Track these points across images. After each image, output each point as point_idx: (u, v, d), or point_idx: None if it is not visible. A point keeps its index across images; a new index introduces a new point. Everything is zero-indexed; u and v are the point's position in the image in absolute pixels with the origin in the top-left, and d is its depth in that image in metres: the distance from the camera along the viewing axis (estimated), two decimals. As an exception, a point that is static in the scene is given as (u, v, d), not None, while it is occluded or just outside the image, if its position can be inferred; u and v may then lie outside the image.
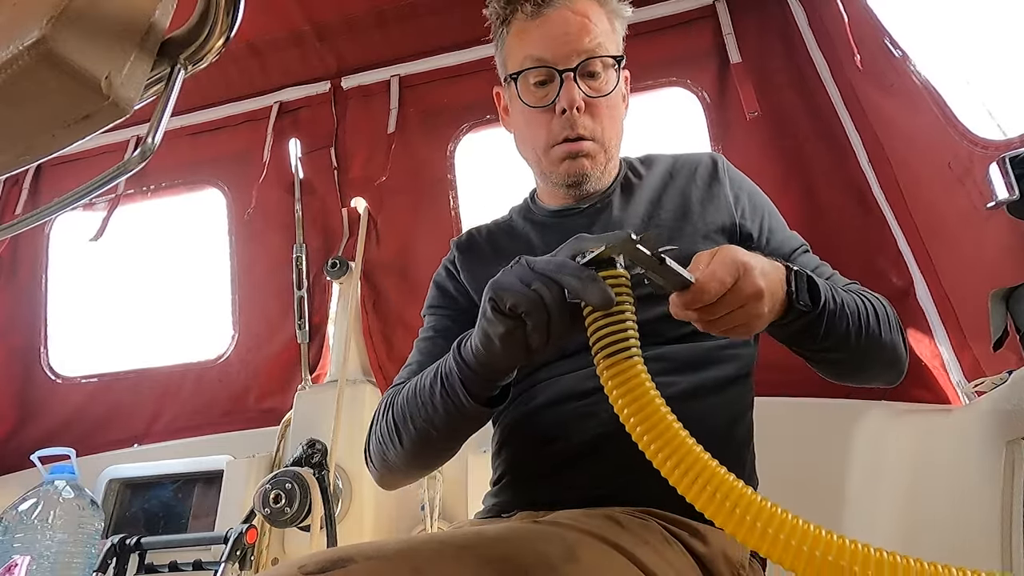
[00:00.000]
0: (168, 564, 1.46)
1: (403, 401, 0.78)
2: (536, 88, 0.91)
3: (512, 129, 1.01)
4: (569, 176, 0.91)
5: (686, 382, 0.81)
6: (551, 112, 0.89)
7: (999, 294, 0.92)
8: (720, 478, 0.46)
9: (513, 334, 0.58)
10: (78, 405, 2.03)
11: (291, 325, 1.90)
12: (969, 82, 1.19)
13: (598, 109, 0.90)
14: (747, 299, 0.61)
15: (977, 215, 1.12)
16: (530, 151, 0.96)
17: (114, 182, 0.39)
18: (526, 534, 0.64)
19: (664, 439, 0.48)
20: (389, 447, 0.80)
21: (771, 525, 0.43)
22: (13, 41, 0.31)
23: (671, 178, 0.98)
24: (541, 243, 0.96)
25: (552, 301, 0.55)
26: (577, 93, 0.87)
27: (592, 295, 0.52)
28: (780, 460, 1.02)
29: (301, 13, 1.83)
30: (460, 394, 0.68)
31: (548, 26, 0.89)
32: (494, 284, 0.59)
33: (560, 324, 0.56)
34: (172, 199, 2.20)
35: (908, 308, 1.42)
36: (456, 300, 0.98)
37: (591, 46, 0.88)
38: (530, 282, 0.56)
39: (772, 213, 0.97)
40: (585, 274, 0.54)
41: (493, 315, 0.59)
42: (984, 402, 0.86)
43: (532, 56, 0.89)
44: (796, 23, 1.67)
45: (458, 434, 0.76)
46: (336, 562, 0.50)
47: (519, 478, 0.87)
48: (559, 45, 0.88)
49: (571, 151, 0.90)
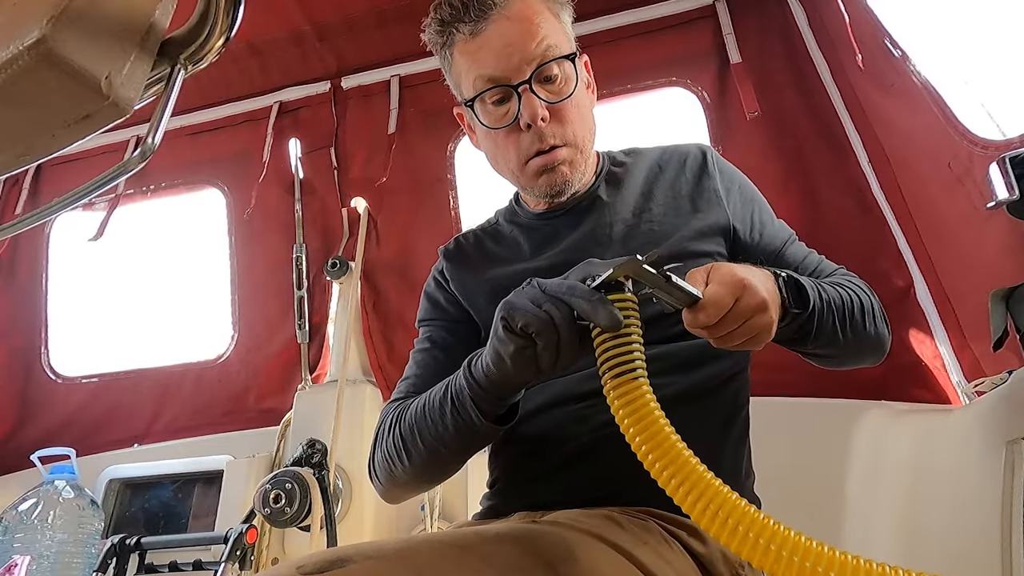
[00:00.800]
0: (168, 564, 1.46)
1: (411, 418, 0.78)
2: (495, 107, 0.86)
3: (482, 150, 0.97)
4: (551, 188, 0.88)
5: (684, 380, 0.81)
6: (517, 129, 0.85)
7: (999, 294, 0.92)
8: (731, 503, 0.46)
9: (523, 353, 0.59)
10: (78, 405, 2.03)
11: (291, 325, 1.90)
12: (968, 82, 1.19)
13: (564, 112, 0.86)
14: (753, 311, 0.63)
15: (977, 215, 1.12)
16: (505, 171, 0.93)
17: (114, 182, 0.39)
18: (526, 534, 0.64)
19: (669, 458, 0.49)
20: (396, 463, 0.80)
21: (785, 548, 0.44)
22: (13, 41, 0.31)
23: (660, 170, 0.96)
24: (529, 246, 0.95)
25: (562, 322, 0.57)
26: (538, 104, 0.83)
27: (601, 317, 0.54)
28: (780, 460, 1.02)
29: (301, 13, 1.83)
30: (471, 411, 0.68)
31: (489, 42, 0.84)
32: (506, 304, 0.60)
33: (569, 344, 0.57)
34: (172, 199, 2.20)
35: (908, 308, 1.42)
36: (447, 311, 0.97)
37: (539, 50, 0.83)
38: (541, 303, 0.58)
39: (761, 205, 0.97)
40: (595, 297, 0.55)
41: (504, 334, 0.60)
42: (984, 402, 0.86)
43: (482, 76, 0.85)
44: (796, 23, 1.67)
45: (467, 451, 0.76)
46: (335, 562, 0.50)
47: (517, 480, 0.87)
48: (505, 59, 0.83)
49: (547, 163, 0.86)
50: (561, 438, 0.82)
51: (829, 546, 0.44)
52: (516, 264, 0.94)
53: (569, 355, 0.58)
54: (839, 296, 0.79)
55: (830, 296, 0.77)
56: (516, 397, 0.70)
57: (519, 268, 0.92)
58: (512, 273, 0.91)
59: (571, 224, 0.93)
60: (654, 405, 0.52)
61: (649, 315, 0.81)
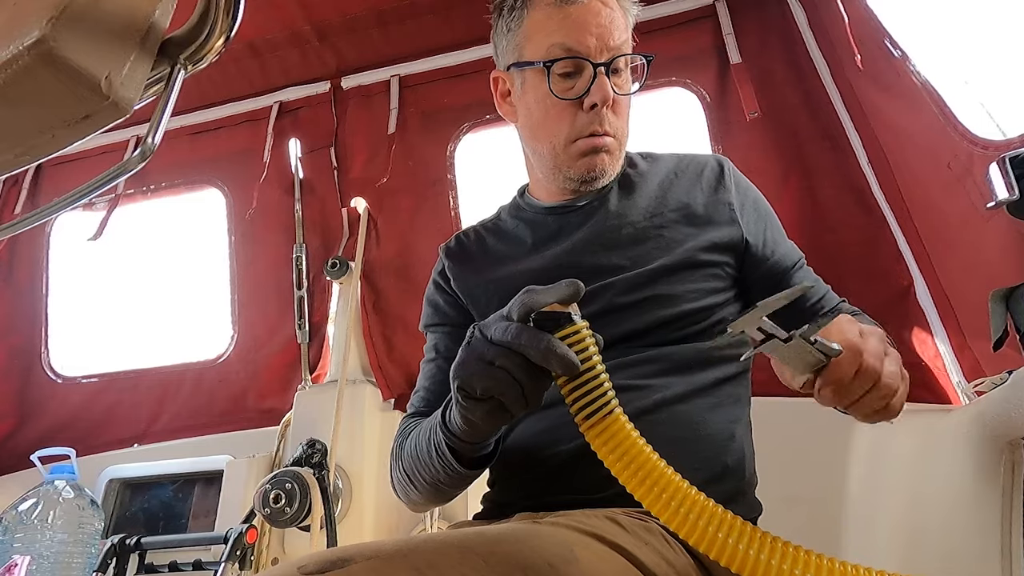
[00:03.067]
0: (168, 564, 1.46)
1: (408, 456, 0.81)
2: (562, 79, 0.86)
3: (519, 118, 0.96)
4: (589, 171, 0.89)
5: (684, 383, 0.81)
6: (576, 105, 0.86)
7: (999, 294, 0.92)
8: (731, 524, 0.46)
9: (492, 413, 0.59)
10: (78, 405, 2.03)
11: (291, 325, 1.90)
12: (968, 82, 1.19)
13: (620, 107, 0.89)
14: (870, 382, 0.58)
15: (977, 215, 1.12)
16: (546, 143, 0.91)
17: (114, 182, 0.39)
18: (527, 534, 0.64)
19: (661, 487, 0.48)
20: (408, 489, 0.84)
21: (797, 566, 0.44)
22: (13, 41, 0.31)
23: (676, 177, 0.96)
24: (532, 240, 0.95)
25: (521, 373, 0.54)
26: (610, 89, 0.85)
27: (555, 365, 0.52)
28: (780, 460, 1.02)
29: (301, 13, 1.83)
30: (452, 462, 0.71)
31: (583, 15, 0.84)
32: (458, 370, 0.58)
33: (535, 390, 0.56)
34: (172, 199, 2.20)
35: (908, 308, 1.42)
36: (449, 315, 0.97)
37: (620, 42, 0.86)
38: (492, 359, 0.55)
39: (774, 224, 0.96)
40: (543, 343, 0.52)
41: (467, 402, 0.59)
42: (984, 402, 0.86)
43: (563, 45, 0.85)
44: (796, 23, 1.67)
45: (464, 483, 0.78)
46: (336, 562, 0.50)
47: (517, 480, 0.86)
48: (595, 37, 0.84)
49: (596, 145, 0.87)
50: (561, 438, 0.81)
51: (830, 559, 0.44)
52: (518, 263, 0.93)
53: (537, 398, 0.57)
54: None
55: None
56: (496, 436, 0.71)
57: (521, 268, 0.92)
58: (515, 274, 0.91)
59: (577, 223, 0.93)
60: (635, 436, 0.50)
61: (656, 321, 0.81)
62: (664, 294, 0.84)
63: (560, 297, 0.53)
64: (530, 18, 0.88)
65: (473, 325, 0.60)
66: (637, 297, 0.84)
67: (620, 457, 0.50)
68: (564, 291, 0.53)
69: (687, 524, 0.47)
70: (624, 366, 0.80)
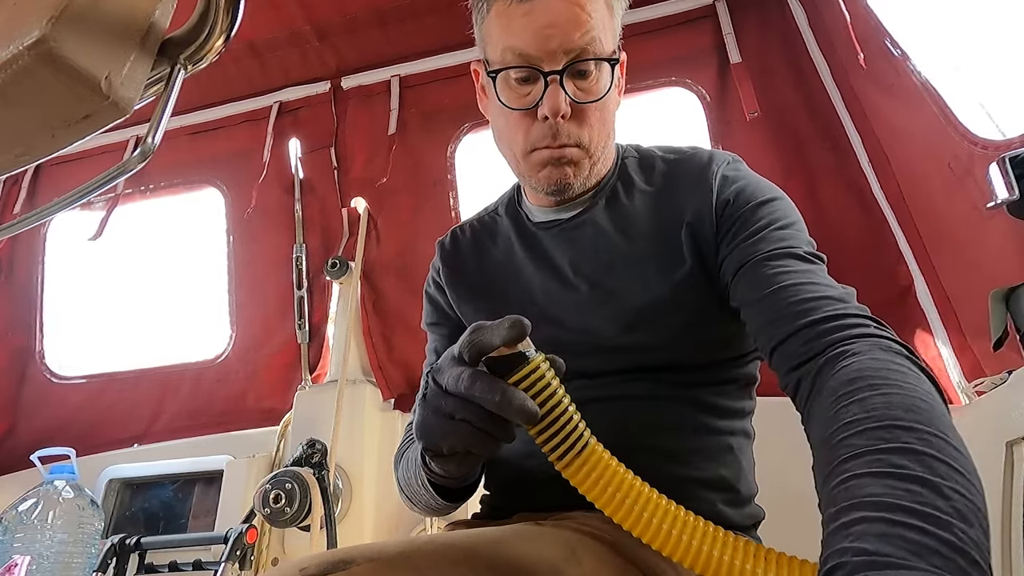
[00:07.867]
0: (168, 564, 1.46)
1: (403, 478, 0.81)
2: (518, 85, 0.78)
3: (489, 118, 0.88)
4: (550, 184, 0.81)
5: (683, 395, 0.79)
6: (533, 115, 0.77)
7: (999, 294, 0.92)
8: (724, 541, 0.46)
9: (465, 462, 0.58)
10: (78, 405, 2.03)
11: (291, 325, 1.90)
12: (968, 83, 1.19)
13: (586, 114, 0.78)
14: None
15: (977, 215, 1.12)
16: (507, 153, 0.85)
17: (114, 182, 0.39)
18: (528, 536, 0.64)
19: (650, 513, 0.48)
20: (410, 505, 0.84)
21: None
22: (13, 41, 0.31)
23: (665, 198, 0.85)
24: (523, 254, 0.90)
25: (484, 423, 0.52)
26: (563, 100, 0.75)
27: (514, 414, 0.49)
28: (780, 461, 1.01)
29: (301, 13, 1.83)
30: (437, 496, 0.73)
31: (534, 15, 0.74)
32: (420, 431, 0.57)
33: (503, 430, 0.53)
34: (171, 199, 2.20)
35: (908, 308, 1.42)
36: (448, 315, 0.95)
37: (582, 42, 0.74)
38: (452, 412, 0.52)
39: (755, 219, 0.90)
40: (497, 393, 0.49)
41: (437, 461, 0.59)
42: (984, 402, 0.86)
43: (514, 50, 0.75)
44: (796, 23, 1.67)
45: (460, 504, 0.79)
46: (337, 564, 0.50)
47: (517, 481, 0.86)
48: (544, 40, 0.74)
49: (553, 157, 0.79)
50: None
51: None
52: (507, 282, 0.90)
53: (508, 437, 0.53)
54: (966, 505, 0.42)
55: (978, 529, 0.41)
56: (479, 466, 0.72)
57: (513, 288, 0.88)
58: (505, 293, 0.89)
59: (562, 242, 0.87)
60: (614, 464, 0.50)
61: (650, 343, 0.78)
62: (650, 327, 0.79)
63: (505, 340, 0.50)
64: (489, 16, 0.80)
65: (428, 371, 0.59)
66: (633, 318, 0.80)
67: (603, 491, 0.49)
68: (508, 334, 0.50)
69: (680, 549, 0.47)
70: (609, 384, 0.77)
